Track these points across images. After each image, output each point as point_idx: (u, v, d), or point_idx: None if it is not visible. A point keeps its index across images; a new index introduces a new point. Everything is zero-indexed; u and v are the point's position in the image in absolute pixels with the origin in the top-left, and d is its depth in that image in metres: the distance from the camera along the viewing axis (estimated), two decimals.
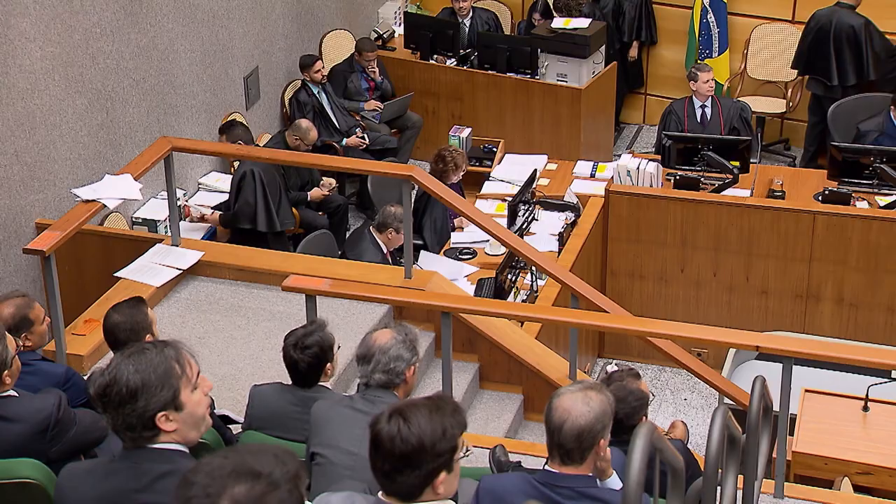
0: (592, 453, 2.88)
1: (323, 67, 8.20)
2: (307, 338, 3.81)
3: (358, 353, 3.56)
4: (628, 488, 2.28)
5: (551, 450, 2.91)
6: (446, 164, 6.90)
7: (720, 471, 3.30)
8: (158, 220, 6.69)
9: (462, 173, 7.02)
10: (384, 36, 9.15)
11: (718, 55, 8.80)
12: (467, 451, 2.49)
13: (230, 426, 3.97)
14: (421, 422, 2.39)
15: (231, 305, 5.50)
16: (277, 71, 8.31)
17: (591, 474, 2.92)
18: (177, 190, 5.81)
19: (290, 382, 3.86)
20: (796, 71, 8.33)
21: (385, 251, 6.34)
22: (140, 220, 6.76)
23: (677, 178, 7.01)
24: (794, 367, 4.23)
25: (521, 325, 5.82)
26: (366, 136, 8.18)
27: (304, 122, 7.40)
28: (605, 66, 8.44)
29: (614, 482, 3.00)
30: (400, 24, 9.25)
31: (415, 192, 6.19)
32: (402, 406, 2.46)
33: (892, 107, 7.09)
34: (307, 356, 3.78)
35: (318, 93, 8.14)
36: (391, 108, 8.48)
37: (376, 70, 8.50)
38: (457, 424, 2.45)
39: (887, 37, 8.07)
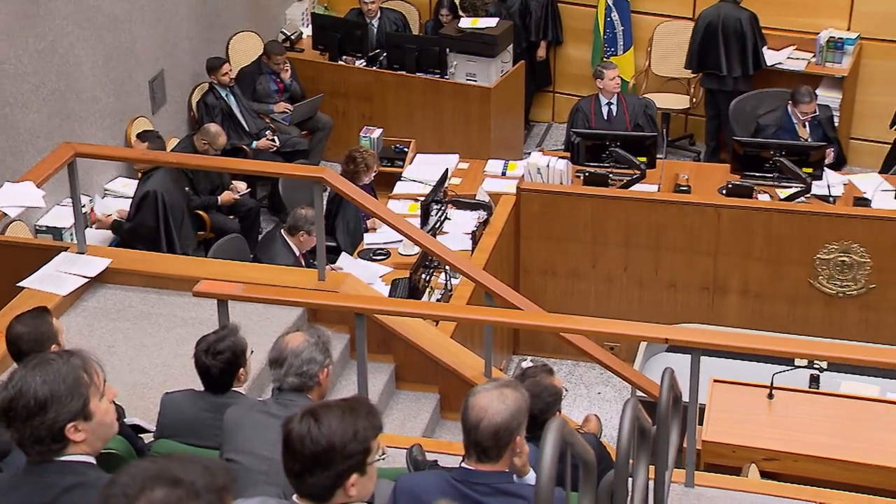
0: (509, 450, 2.91)
1: (230, 70, 8.11)
2: (219, 343, 3.77)
3: (270, 356, 3.54)
4: (540, 483, 2.31)
5: (468, 448, 2.93)
6: (357, 164, 6.89)
7: (632, 462, 3.37)
8: (63, 228, 6.55)
9: (373, 174, 7.02)
10: (292, 37, 9.10)
11: (623, 53, 8.95)
12: (383, 454, 2.50)
13: (142, 435, 3.91)
14: (332, 422, 2.39)
15: (141, 313, 5.41)
16: (183, 74, 8.20)
17: (507, 470, 2.95)
18: (82, 196, 5.69)
19: (202, 389, 3.82)
20: (690, 69, 8.52)
21: (298, 254, 6.30)
22: (44, 228, 6.61)
23: (586, 174, 7.11)
24: (703, 357, 4.32)
25: (437, 325, 5.84)
26: (276, 138, 8.12)
27: (213, 127, 7.32)
28: (514, 65, 8.52)
29: (531, 478, 3.03)
30: (308, 26, 9.20)
31: (326, 193, 6.16)
32: (316, 407, 2.46)
33: (790, 102, 7.30)
34: (219, 362, 3.75)
35: (227, 96, 8.05)
36: (301, 110, 8.43)
37: (289, 71, 8.46)
38: (370, 427, 2.45)
39: (783, 35, 8.31)
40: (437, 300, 6.24)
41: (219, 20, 8.62)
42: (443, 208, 6.95)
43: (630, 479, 3.28)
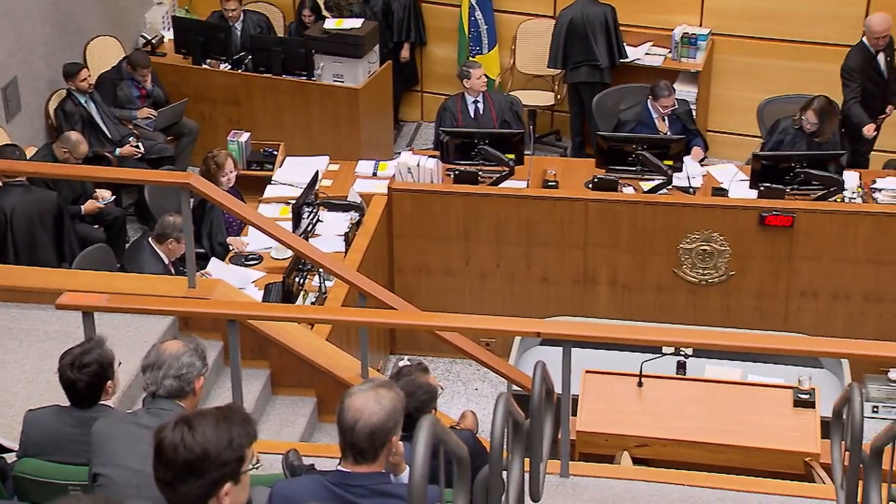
0: (385, 450, 2.92)
1: (89, 76, 7.89)
2: (85, 356, 3.68)
3: (146, 362, 3.49)
4: (413, 481, 2.33)
5: (344, 450, 2.93)
6: (207, 165, 6.78)
7: (507, 456, 3.42)
8: None
9: (232, 174, 6.89)
10: (153, 41, 8.91)
11: (488, 52, 9.05)
12: (257, 462, 2.48)
13: (4, 454, 3.78)
14: (206, 430, 2.36)
15: (1, 328, 5.22)
16: (39, 80, 7.94)
17: (384, 471, 2.96)
18: None
19: (68, 404, 3.72)
20: (556, 67, 8.67)
21: (167, 262, 6.18)
22: None
23: (457, 173, 7.17)
24: (575, 349, 4.41)
25: (312, 328, 5.81)
26: (140, 144, 7.94)
27: (74, 135, 7.12)
28: (381, 65, 8.52)
29: (407, 476, 3.05)
30: (169, 29, 9.02)
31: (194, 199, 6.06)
32: (189, 415, 2.43)
33: (649, 97, 7.50)
34: (85, 375, 3.65)
35: (86, 102, 7.83)
36: (165, 115, 8.26)
37: (148, 78, 8.28)
38: (245, 435, 2.43)
39: (640, 32, 8.55)
40: (312, 303, 6.20)
41: (75, 25, 8.37)
42: (314, 211, 6.91)
43: (505, 473, 3.33)
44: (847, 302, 6.69)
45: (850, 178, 6.88)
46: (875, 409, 6.46)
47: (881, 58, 7.46)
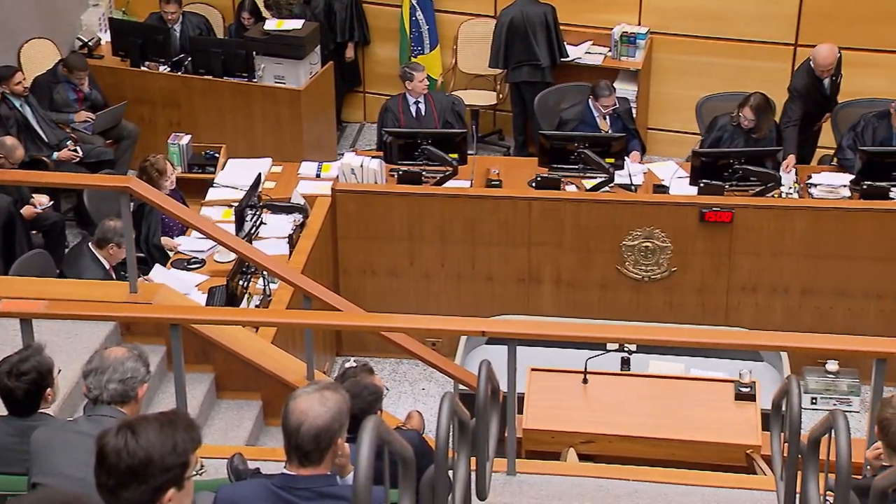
0: (330, 452, 2.92)
1: (24, 79, 7.76)
2: (22, 364, 3.62)
3: (88, 367, 3.46)
4: (357, 482, 2.33)
5: (289, 453, 2.92)
6: (148, 173, 6.69)
7: (453, 455, 3.43)
8: None
9: (172, 178, 6.82)
10: (90, 44, 8.79)
11: (430, 52, 9.07)
12: (201, 468, 2.46)
13: None
14: (150, 435, 2.34)
15: None
16: None
17: (329, 473, 2.95)
18: None
19: (6, 413, 3.66)
20: (498, 66, 8.69)
21: (108, 267, 6.10)
22: None
23: (400, 173, 7.17)
24: (520, 347, 4.44)
25: (257, 331, 5.78)
26: (78, 148, 7.83)
27: (9, 140, 7.00)
28: (322, 66, 8.50)
29: (353, 478, 3.04)
30: (106, 31, 8.91)
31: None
32: (132, 420, 2.41)
33: (590, 96, 7.56)
34: (23, 383, 3.60)
35: (21, 106, 7.70)
36: (104, 119, 8.15)
37: (85, 81, 8.17)
38: (190, 440, 2.41)
39: (580, 31, 8.62)
40: (256, 306, 6.16)
41: (8, 27, 8.23)
42: (258, 213, 6.87)
43: (451, 472, 3.34)
44: (785, 296, 6.80)
45: (787, 173, 6.99)
46: (814, 401, 6.58)
47: (827, 81, 7.55)
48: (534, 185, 7.14)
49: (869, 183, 6.66)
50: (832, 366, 6.57)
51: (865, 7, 7.97)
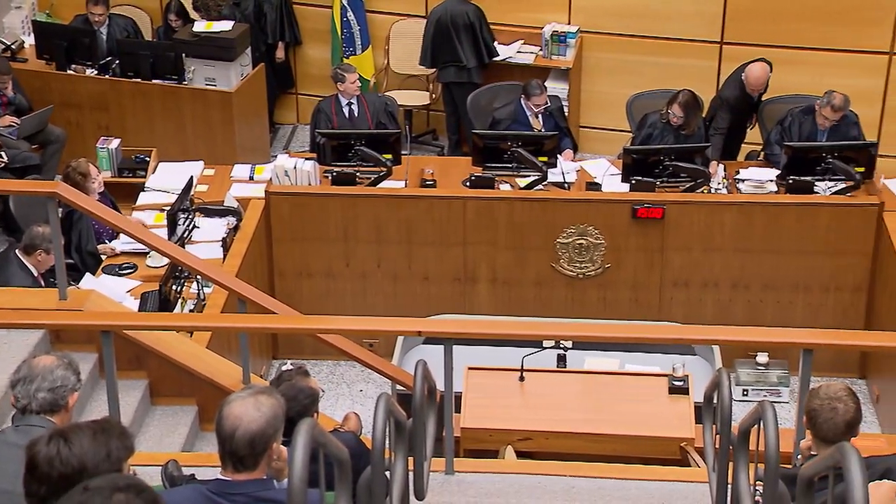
0: (266, 457, 2.90)
1: None
2: None
3: (17, 376, 3.40)
4: (291, 486, 2.33)
5: (224, 458, 2.89)
6: (72, 179, 6.57)
7: (391, 456, 3.44)
8: None
9: (99, 180, 6.71)
10: (13, 47, 8.62)
11: (362, 52, 9.05)
12: (133, 476, 2.43)
13: None
14: (83, 443, 2.31)
15: None
16: None
17: (265, 477, 2.94)
18: None
19: None
20: (426, 65, 8.71)
21: (36, 274, 5.99)
22: None
23: (334, 174, 7.15)
24: (457, 346, 4.45)
25: (191, 336, 5.72)
26: (3, 153, 7.67)
27: None
28: (254, 67, 8.44)
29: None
30: (29, 34, 8.74)
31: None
32: (64, 428, 2.38)
33: (522, 95, 7.61)
34: None
35: None
36: (29, 123, 8.00)
37: (9, 86, 8.01)
38: (123, 447, 2.38)
39: (511, 31, 8.66)
40: (190, 311, 6.10)
41: None
42: (190, 217, 6.80)
43: (389, 473, 3.35)
44: (716, 290, 6.91)
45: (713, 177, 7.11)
46: (745, 393, 6.70)
47: (756, 96, 7.68)
48: (468, 184, 7.17)
49: (794, 178, 6.80)
50: (762, 358, 6.70)
51: (788, 5, 8.13)
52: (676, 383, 5.53)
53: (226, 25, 8.22)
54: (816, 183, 6.80)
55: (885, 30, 8.01)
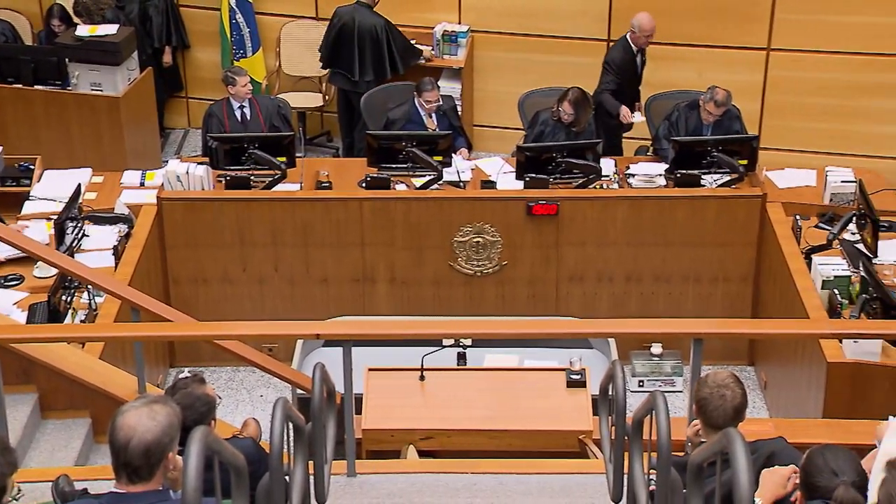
0: (161, 467, 2.86)
1: None
2: None
3: None
4: (186, 495, 2.30)
5: (118, 470, 2.85)
6: None
7: (290, 461, 3.42)
8: None
9: None
10: None
11: (253, 54, 8.96)
12: (18, 493, 2.37)
13: None
14: None
15: None
16: None
17: (161, 488, 2.89)
18: None
19: None
20: (323, 64, 8.65)
21: None
22: None
23: (228, 178, 7.07)
24: (357, 348, 4.45)
25: (83, 346, 5.60)
26: None
27: None
28: (141, 72, 8.28)
29: None
30: None
31: None
32: None
33: (415, 94, 7.63)
34: None
35: None
36: None
37: None
38: (6, 464, 2.32)
39: (402, 31, 8.67)
40: (82, 321, 5.96)
41: None
42: (79, 225, 6.64)
43: (288, 478, 3.33)
44: (610, 283, 7.04)
45: (607, 164, 7.24)
46: (641, 383, 6.83)
47: (639, 58, 7.89)
48: (364, 185, 7.16)
49: (682, 171, 6.97)
50: (656, 349, 6.84)
51: (671, 3, 8.32)
52: (574, 377, 5.61)
53: (110, 29, 8.05)
54: (703, 176, 6.98)
55: (763, 26, 8.26)
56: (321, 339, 6.13)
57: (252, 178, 7.06)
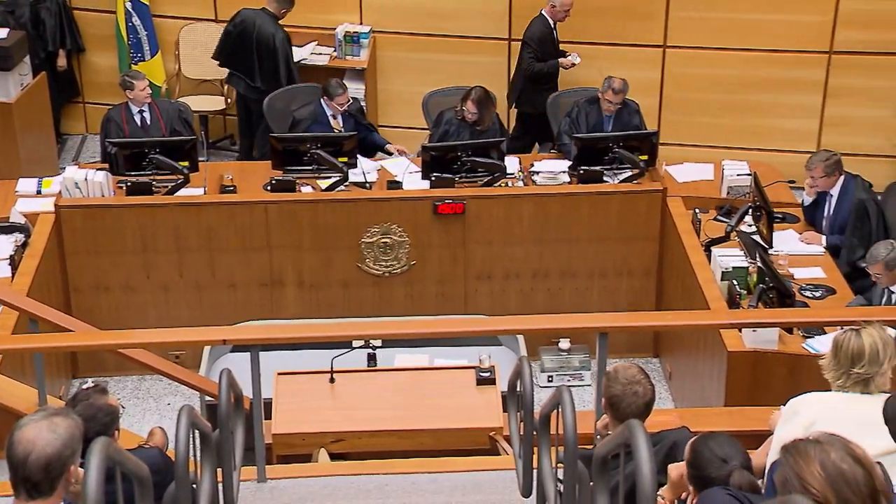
0: (62, 481, 2.79)
1: None
2: None
3: None
4: None
5: (16, 486, 2.77)
6: None
7: (197, 469, 3.37)
8: None
9: None
10: None
11: (151, 58, 8.80)
12: None
13: None
14: None
15: None
16: None
17: (63, 503, 2.83)
18: None
19: None
20: (219, 62, 8.54)
21: None
22: None
23: (129, 184, 6.94)
24: (267, 352, 4.41)
25: None
26: None
27: None
28: (34, 77, 8.08)
29: None
30: None
31: None
32: None
33: (324, 97, 7.59)
34: None
35: None
36: None
37: None
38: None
39: (304, 32, 8.62)
40: None
41: None
42: None
43: (195, 486, 3.28)
44: (518, 280, 7.10)
45: (512, 162, 7.31)
46: (550, 379, 6.91)
47: (556, 33, 8.01)
48: (269, 188, 7.10)
49: (585, 168, 7.07)
50: (564, 344, 6.92)
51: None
52: (483, 374, 5.65)
53: (0, 33, 7.84)
54: (605, 172, 7.09)
55: (659, 24, 8.43)
56: (229, 345, 6.07)
57: (154, 183, 6.95)
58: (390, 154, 7.65)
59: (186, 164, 6.99)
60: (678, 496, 3.14)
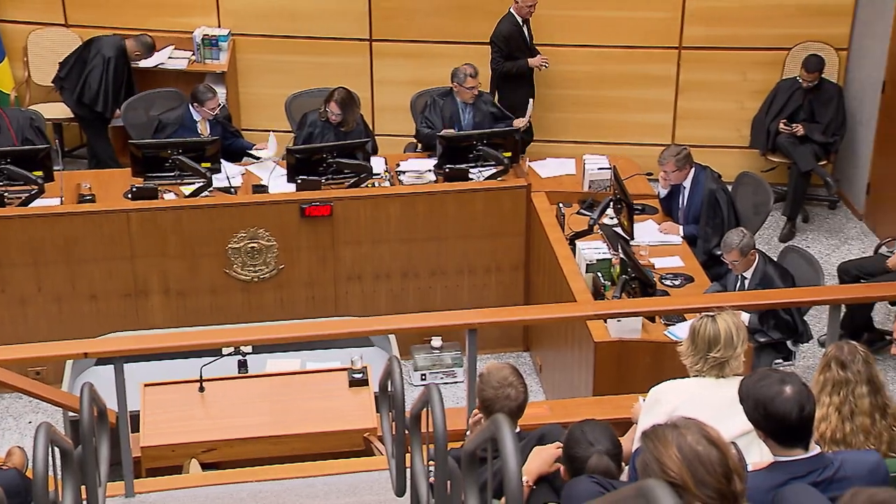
0: None
1: None
2: None
3: None
4: None
5: None
6: None
7: (58, 488, 3.27)
8: None
9: None
10: None
11: None
12: None
13: None
14: None
15: None
16: None
17: None
18: None
19: None
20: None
21: None
22: None
23: None
24: (133, 364, 4.31)
25: None
26: None
27: None
28: None
29: None
30: None
31: None
32: None
33: (193, 103, 7.43)
34: None
35: None
36: None
37: None
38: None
39: (159, 36, 8.45)
40: None
41: None
42: None
43: None
44: (388, 281, 7.11)
45: (377, 163, 7.31)
46: (423, 377, 6.94)
47: (525, 28, 8.00)
48: (130, 196, 6.93)
49: (450, 166, 7.13)
50: (436, 342, 6.97)
51: (426, 2, 8.48)
52: (356, 376, 5.64)
53: None
54: (471, 170, 7.16)
55: None
56: (92, 359, 5.90)
57: (6, 194, 6.72)
58: (257, 158, 7.55)
59: (41, 173, 6.79)
60: (540, 473, 3.21)
